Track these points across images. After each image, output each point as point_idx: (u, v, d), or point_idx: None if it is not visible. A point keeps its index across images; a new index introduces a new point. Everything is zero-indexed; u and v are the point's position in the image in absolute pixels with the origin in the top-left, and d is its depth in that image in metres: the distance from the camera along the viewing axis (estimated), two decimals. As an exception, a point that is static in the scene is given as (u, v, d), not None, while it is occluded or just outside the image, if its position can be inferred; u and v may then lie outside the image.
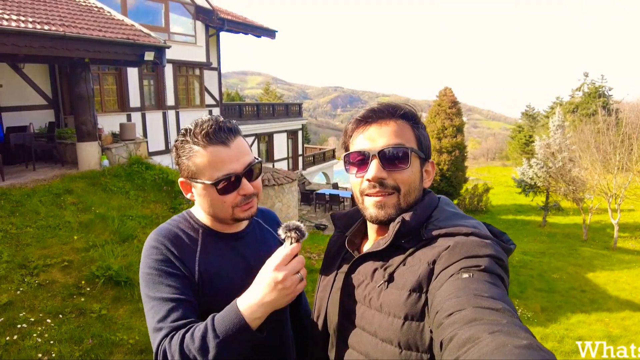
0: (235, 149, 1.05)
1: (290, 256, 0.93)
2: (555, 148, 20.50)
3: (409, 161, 0.92)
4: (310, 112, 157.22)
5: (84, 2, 8.71)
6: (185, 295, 1.01)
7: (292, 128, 20.39)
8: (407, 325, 0.82)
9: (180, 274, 1.03)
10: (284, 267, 0.92)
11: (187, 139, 1.05)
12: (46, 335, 3.84)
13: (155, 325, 0.98)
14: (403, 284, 0.85)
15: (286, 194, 12.47)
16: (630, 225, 20.70)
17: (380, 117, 0.95)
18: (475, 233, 0.84)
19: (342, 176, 29.76)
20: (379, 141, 0.93)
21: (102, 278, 4.81)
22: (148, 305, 1.02)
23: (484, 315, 0.63)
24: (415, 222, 0.91)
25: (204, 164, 1.03)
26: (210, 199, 1.06)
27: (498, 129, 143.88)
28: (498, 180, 38.26)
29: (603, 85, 37.66)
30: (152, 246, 1.06)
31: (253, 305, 0.91)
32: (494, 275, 0.76)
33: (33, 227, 5.62)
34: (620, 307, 9.24)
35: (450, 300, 0.71)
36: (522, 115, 45.51)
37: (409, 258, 0.88)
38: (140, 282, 1.06)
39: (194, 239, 1.11)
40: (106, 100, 11.43)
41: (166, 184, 8.20)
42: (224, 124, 1.05)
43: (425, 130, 1.02)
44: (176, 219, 1.16)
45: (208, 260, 1.09)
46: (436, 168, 1.03)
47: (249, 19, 16.03)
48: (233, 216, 1.09)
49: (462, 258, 0.79)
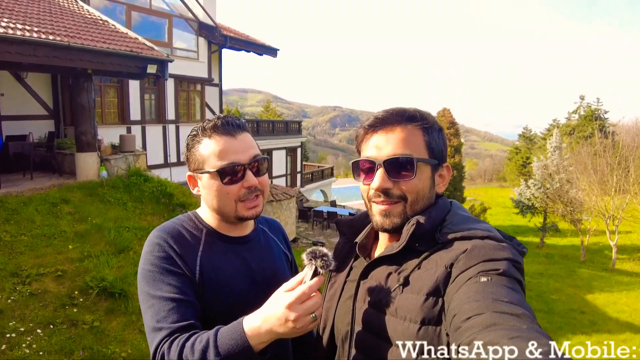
0: (241, 141, 1.07)
1: (307, 294, 0.84)
2: (552, 169, 20.64)
3: (414, 171, 0.90)
4: (309, 130, 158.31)
5: (90, 15, 8.84)
6: (186, 295, 0.99)
7: (291, 145, 20.45)
8: (423, 329, 0.80)
9: (182, 272, 1.01)
10: (298, 306, 0.83)
11: (197, 134, 1.08)
12: (35, 346, 3.73)
13: (154, 324, 0.95)
14: (419, 288, 0.83)
15: (284, 210, 12.42)
16: (629, 247, 20.66)
17: (388, 124, 0.92)
18: (491, 236, 0.83)
19: (340, 194, 29.77)
20: (385, 149, 0.91)
21: (96, 289, 4.72)
22: (147, 303, 0.98)
23: (503, 320, 0.62)
24: (430, 225, 0.89)
25: (209, 153, 1.04)
26: (214, 190, 1.05)
27: (495, 150, 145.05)
28: (495, 201, 38.35)
29: (599, 108, 38.27)
30: (155, 243, 1.04)
31: (260, 332, 0.86)
32: (512, 279, 0.75)
33: (28, 236, 5.54)
34: (621, 329, 9.14)
35: (468, 304, 0.69)
36: (519, 137, 46.06)
37: (425, 261, 0.86)
38: (139, 279, 1.02)
39: (197, 238, 1.09)
40: (107, 113, 11.46)
41: (164, 196, 8.15)
42: (232, 119, 1.08)
43: (441, 132, 0.98)
44: (181, 217, 1.14)
45: (210, 260, 1.07)
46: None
47: (252, 37, 16.27)
48: (237, 213, 1.07)
49: (480, 261, 0.78)
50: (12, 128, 8.87)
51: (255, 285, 1.11)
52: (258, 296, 1.04)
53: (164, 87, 12.69)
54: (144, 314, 0.99)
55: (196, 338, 0.89)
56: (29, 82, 9.18)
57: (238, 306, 1.04)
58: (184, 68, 13.21)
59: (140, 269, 1.03)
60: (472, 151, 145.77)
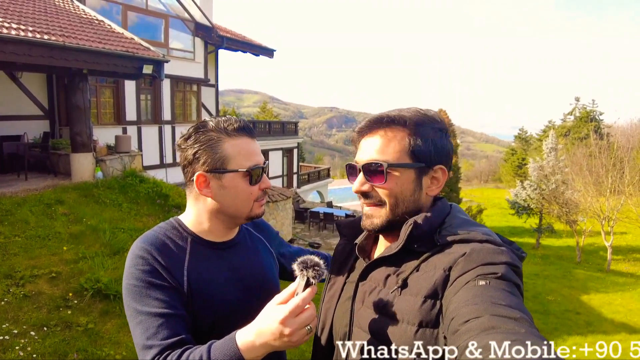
0: (257, 145, 1.10)
1: (301, 307, 0.82)
2: (548, 170, 20.74)
3: (384, 177, 0.90)
4: (306, 131, 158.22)
5: (85, 15, 8.79)
6: (174, 309, 0.96)
7: (287, 146, 20.43)
8: (421, 332, 0.80)
9: (169, 285, 0.98)
10: (292, 320, 0.81)
11: (210, 131, 1.04)
12: (29, 349, 3.69)
13: (144, 342, 0.92)
14: (417, 291, 0.83)
15: (280, 211, 12.40)
16: (624, 248, 20.77)
17: (372, 129, 0.94)
18: (490, 240, 0.83)
19: (337, 195, 29.78)
20: (365, 154, 0.94)
21: (91, 291, 4.68)
22: (135, 319, 0.95)
23: (501, 324, 0.62)
24: (428, 226, 0.89)
25: (235, 153, 1.04)
26: (237, 190, 1.05)
27: (491, 151, 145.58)
28: (491, 202, 38.43)
29: (594, 109, 38.50)
30: (138, 255, 1.00)
31: (254, 346, 0.84)
32: (510, 283, 0.75)
33: (22, 237, 5.49)
34: (616, 329, 9.19)
35: (466, 307, 0.69)
36: (515, 139, 46.23)
37: (423, 264, 0.87)
38: (125, 294, 0.99)
39: (182, 247, 1.06)
40: (103, 113, 11.40)
41: (160, 197, 8.11)
42: (245, 122, 1.09)
43: (438, 133, 0.93)
44: (163, 226, 1.10)
45: (197, 270, 1.04)
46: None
47: (248, 38, 16.24)
48: (252, 212, 1.09)
49: (478, 265, 0.78)
50: (6, 128, 8.80)
51: (245, 292, 1.10)
52: (249, 302, 1.05)
53: (160, 88, 12.64)
54: (132, 330, 0.96)
55: (189, 355, 0.87)
56: (24, 82, 9.11)
57: (229, 314, 1.04)
58: (180, 68, 13.17)
59: (125, 284, 0.99)
60: (468, 152, 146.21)
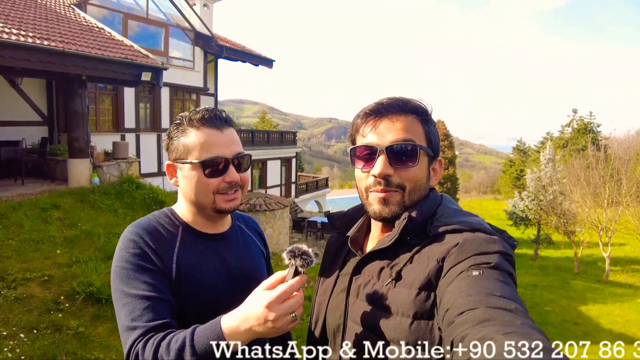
0: (227, 136, 1.07)
1: (288, 293, 0.82)
2: (546, 181, 20.75)
3: (417, 158, 0.89)
4: (305, 141, 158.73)
5: (86, 22, 8.90)
6: (161, 293, 0.97)
7: (286, 155, 20.47)
8: (415, 324, 0.80)
9: (158, 270, 0.99)
10: (278, 305, 0.81)
11: (181, 123, 1.06)
12: (18, 351, 3.66)
13: (129, 323, 0.92)
14: (411, 282, 0.83)
15: (277, 219, 12.36)
16: (622, 259, 20.68)
17: (390, 112, 0.91)
18: (482, 229, 0.84)
19: (335, 205, 29.72)
20: (388, 136, 0.90)
21: (83, 294, 4.65)
22: (121, 301, 0.96)
23: (497, 316, 0.62)
24: (421, 218, 0.89)
25: (194, 144, 1.03)
26: (194, 182, 1.05)
27: (490, 163, 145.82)
28: (490, 213, 38.33)
29: (592, 121, 38.66)
30: (130, 239, 1.02)
31: (238, 331, 0.84)
32: (504, 273, 0.75)
33: (16, 240, 5.47)
34: (614, 340, 9.06)
35: (461, 298, 0.69)
36: (513, 150, 46.33)
37: (416, 255, 0.86)
38: (113, 276, 1.00)
39: (174, 234, 1.08)
40: (101, 120, 11.46)
41: (156, 204, 8.11)
42: (219, 113, 1.08)
43: (435, 127, 1.00)
44: (156, 214, 1.12)
45: (186, 257, 1.05)
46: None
47: (247, 47, 16.40)
48: (215, 205, 1.06)
49: (471, 255, 0.78)
50: (5, 134, 8.84)
51: (232, 283, 1.10)
52: (236, 294, 1.03)
53: (159, 96, 12.73)
54: (117, 312, 0.96)
55: (172, 337, 0.87)
56: (24, 87, 9.17)
57: (215, 304, 1.03)
58: (180, 77, 13.27)
59: (114, 266, 1.00)
60: (466, 164, 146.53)
